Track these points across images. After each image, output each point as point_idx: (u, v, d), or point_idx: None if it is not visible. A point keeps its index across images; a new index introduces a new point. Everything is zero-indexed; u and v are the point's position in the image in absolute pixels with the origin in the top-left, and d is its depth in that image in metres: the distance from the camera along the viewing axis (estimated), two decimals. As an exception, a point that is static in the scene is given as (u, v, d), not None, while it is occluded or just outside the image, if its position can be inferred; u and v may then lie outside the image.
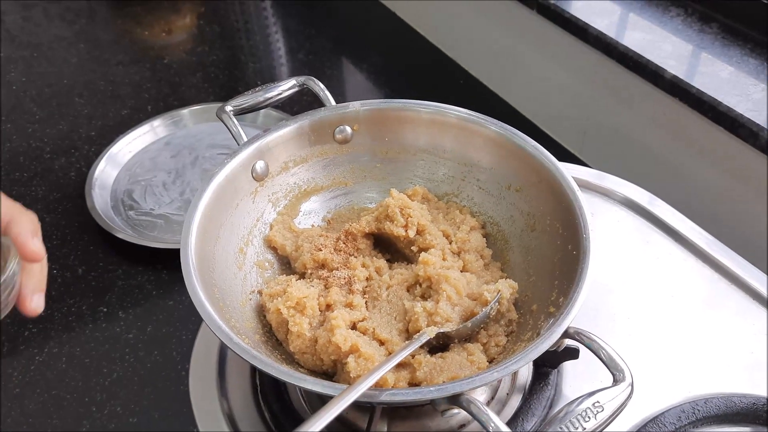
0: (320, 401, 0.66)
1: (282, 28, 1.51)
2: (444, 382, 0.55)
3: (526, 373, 0.68)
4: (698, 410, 0.63)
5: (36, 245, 0.49)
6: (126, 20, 1.57)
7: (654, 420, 0.63)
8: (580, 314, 0.68)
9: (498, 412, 0.65)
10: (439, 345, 0.60)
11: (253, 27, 1.54)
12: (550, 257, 0.64)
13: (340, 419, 0.65)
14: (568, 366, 0.68)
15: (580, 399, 0.49)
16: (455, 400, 0.50)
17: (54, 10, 1.62)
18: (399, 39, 1.46)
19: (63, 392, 0.80)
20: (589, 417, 0.48)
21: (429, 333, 0.58)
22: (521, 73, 1.20)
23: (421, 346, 0.59)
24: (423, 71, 1.36)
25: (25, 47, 1.47)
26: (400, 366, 0.58)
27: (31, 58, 1.42)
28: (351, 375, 0.56)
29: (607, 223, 0.83)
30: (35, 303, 0.50)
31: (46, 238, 1.00)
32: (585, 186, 0.87)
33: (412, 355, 0.58)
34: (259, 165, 0.69)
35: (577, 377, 0.67)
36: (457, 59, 1.35)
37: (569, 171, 0.86)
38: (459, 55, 1.34)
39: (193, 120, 1.16)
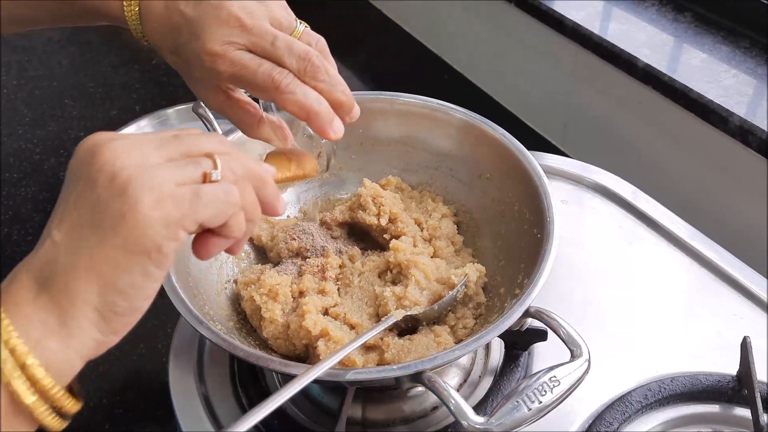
0: (297, 386, 0.68)
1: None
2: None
3: (497, 357, 0.69)
4: (664, 388, 0.64)
5: (336, 131, 0.53)
6: (116, 23, 1.58)
7: (621, 398, 0.64)
8: (551, 298, 0.70)
9: (470, 394, 0.66)
10: (408, 328, 0.62)
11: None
12: (517, 242, 0.66)
13: (316, 403, 0.66)
14: (538, 348, 0.69)
15: (538, 374, 0.50)
16: (418, 378, 0.51)
17: (46, 14, 1.64)
18: (383, 35, 1.47)
19: (50, 385, 0.82)
20: (545, 391, 0.49)
21: (396, 315, 0.59)
22: (503, 67, 1.21)
23: (391, 330, 0.61)
24: (408, 67, 1.37)
25: (19, 51, 1.49)
26: (370, 348, 0.60)
27: (24, 62, 1.44)
28: (321, 358, 0.57)
29: (582, 210, 0.84)
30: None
31: (36, 238, 1.02)
32: (562, 175, 0.88)
33: (381, 338, 0.60)
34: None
35: (547, 359, 0.69)
36: (441, 54, 1.36)
37: (548, 160, 0.89)
38: (443, 50, 1.36)
39: (179, 119, 1.17)
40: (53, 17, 0.64)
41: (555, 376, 0.50)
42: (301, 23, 0.55)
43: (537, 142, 1.14)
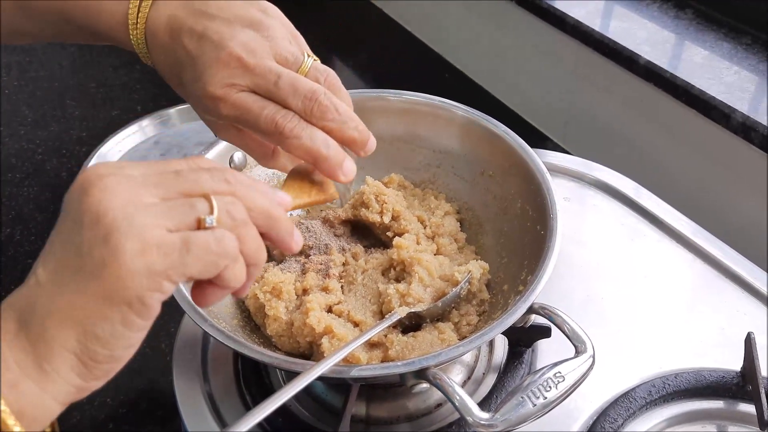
0: (300, 384, 0.68)
1: (271, 28, 1.53)
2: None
3: (501, 354, 0.69)
4: (668, 384, 0.64)
5: (347, 173, 0.51)
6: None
7: (625, 395, 0.64)
8: (554, 295, 0.70)
9: (474, 391, 0.66)
10: (411, 325, 0.62)
11: (242, 27, 1.56)
12: (520, 239, 0.66)
13: (320, 401, 0.66)
14: (542, 345, 0.69)
15: (543, 370, 0.51)
16: (422, 374, 0.51)
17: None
18: (385, 35, 1.47)
19: (54, 384, 0.82)
20: (550, 387, 0.49)
21: (400, 312, 0.59)
22: (504, 65, 1.21)
23: (395, 327, 0.61)
24: (409, 66, 1.37)
25: (20, 53, 1.49)
26: (374, 346, 0.60)
27: (25, 62, 1.44)
28: (325, 355, 0.57)
29: (584, 207, 0.84)
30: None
31: (39, 238, 1.02)
32: (563, 172, 0.88)
33: (385, 335, 0.60)
34: (237, 156, 0.71)
35: (551, 355, 0.69)
36: (442, 53, 1.36)
37: (550, 158, 0.89)
38: (444, 49, 1.36)
39: (180, 119, 1.18)
40: (57, 35, 0.62)
41: (560, 372, 0.50)
42: (309, 56, 0.52)
43: (538, 140, 1.14)
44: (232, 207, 0.39)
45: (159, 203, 0.37)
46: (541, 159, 0.67)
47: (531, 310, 0.55)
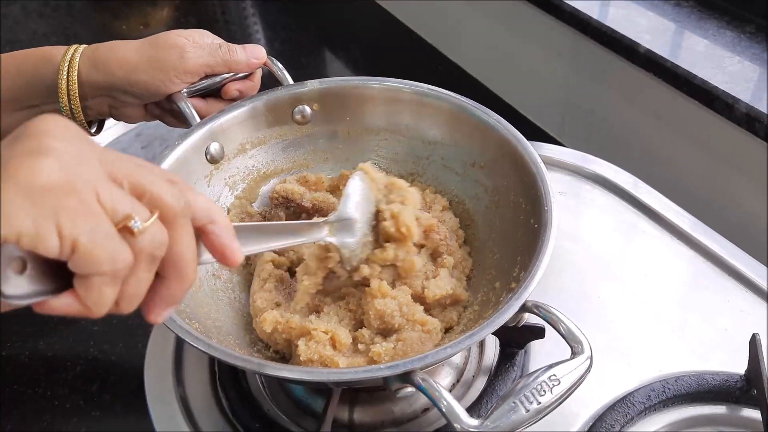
0: (280, 387, 0.64)
1: (261, 20, 1.49)
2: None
3: (492, 355, 0.66)
4: (668, 389, 0.61)
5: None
6: (103, 14, 1.55)
7: (623, 399, 0.60)
8: (548, 293, 0.67)
9: (463, 395, 0.63)
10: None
11: (231, 19, 1.52)
12: (513, 233, 0.62)
13: (300, 405, 0.63)
14: (535, 346, 0.66)
15: (537, 372, 0.47)
16: (408, 378, 0.48)
17: (32, 5, 1.61)
18: (377, 25, 1.44)
19: (24, 387, 0.78)
20: (544, 391, 0.46)
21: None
22: (497, 55, 1.18)
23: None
24: (401, 57, 1.34)
25: (4, 44, 1.45)
26: (356, 351, 0.56)
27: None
28: (301, 359, 0.54)
29: (580, 202, 0.81)
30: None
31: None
32: (559, 165, 0.85)
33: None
34: (213, 147, 0.67)
35: (545, 357, 0.65)
36: (434, 43, 1.32)
37: (545, 150, 0.85)
38: (435, 39, 1.32)
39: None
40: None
41: (555, 375, 0.47)
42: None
43: (534, 134, 1.11)
44: (161, 235, 0.36)
45: (103, 175, 0.35)
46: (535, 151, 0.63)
47: (524, 308, 0.51)
